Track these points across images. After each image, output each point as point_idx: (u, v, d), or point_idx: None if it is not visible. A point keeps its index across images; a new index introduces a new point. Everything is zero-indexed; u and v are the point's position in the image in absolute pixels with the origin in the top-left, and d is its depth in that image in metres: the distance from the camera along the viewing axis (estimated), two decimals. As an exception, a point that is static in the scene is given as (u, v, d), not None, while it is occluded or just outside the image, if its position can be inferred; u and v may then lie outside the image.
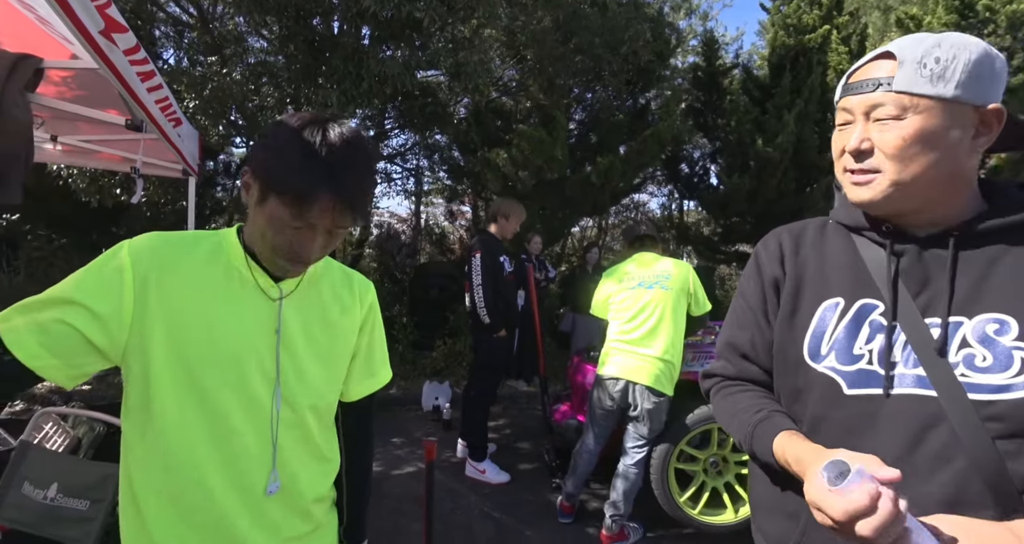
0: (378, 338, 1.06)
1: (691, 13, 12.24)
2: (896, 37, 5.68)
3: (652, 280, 2.68)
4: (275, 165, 0.78)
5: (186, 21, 6.28)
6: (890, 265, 0.76)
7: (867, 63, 0.76)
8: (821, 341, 0.79)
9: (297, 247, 0.81)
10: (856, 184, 0.75)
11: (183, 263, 0.84)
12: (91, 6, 1.26)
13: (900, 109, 0.70)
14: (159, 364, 0.80)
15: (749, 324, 0.90)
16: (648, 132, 6.46)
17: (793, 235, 0.89)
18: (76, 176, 4.56)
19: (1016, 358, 0.66)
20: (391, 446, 3.88)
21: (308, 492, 0.94)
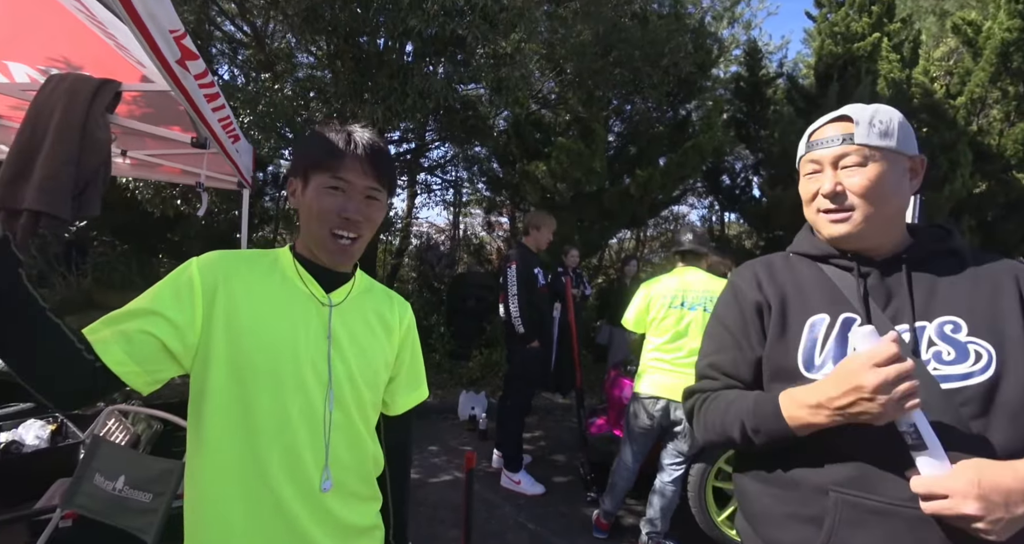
0: (419, 355, 1.16)
1: (734, 22, 12.08)
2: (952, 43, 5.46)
3: (695, 301, 2.62)
4: (308, 149, 0.96)
5: (240, 39, 6.63)
6: (859, 284, 0.91)
7: (828, 124, 0.94)
8: (813, 353, 0.89)
9: (340, 210, 0.92)
10: (834, 221, 0.91)
11: (245, 275, 0.93)
12: (170, 37, 1.38)
13: (863, 158, 0.88)
14: (224, 366, 0.88)
15: (729, 346, 0.99)
16: (689, 144, 6.40)
17: (764, 265, 1.03)
18: (142, 188, 4.86)
19: (971, 350, 0.82)
20: (428, 454, 3.94)
21: (358, 491, 1.00)
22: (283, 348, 0.90)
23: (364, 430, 1.00)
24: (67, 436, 2.47)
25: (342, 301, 0.99)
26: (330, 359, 0.94)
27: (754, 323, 0.97)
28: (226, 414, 0.88)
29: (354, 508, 0.99)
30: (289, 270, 0.97)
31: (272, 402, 0.89)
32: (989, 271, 0.88)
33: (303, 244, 0.99)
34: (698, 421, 1.00)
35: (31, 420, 2.48)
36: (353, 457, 0.98)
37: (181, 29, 1.45)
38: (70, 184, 1.71)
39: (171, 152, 2.96)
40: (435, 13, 4.35)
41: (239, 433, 0.88)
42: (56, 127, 1.70)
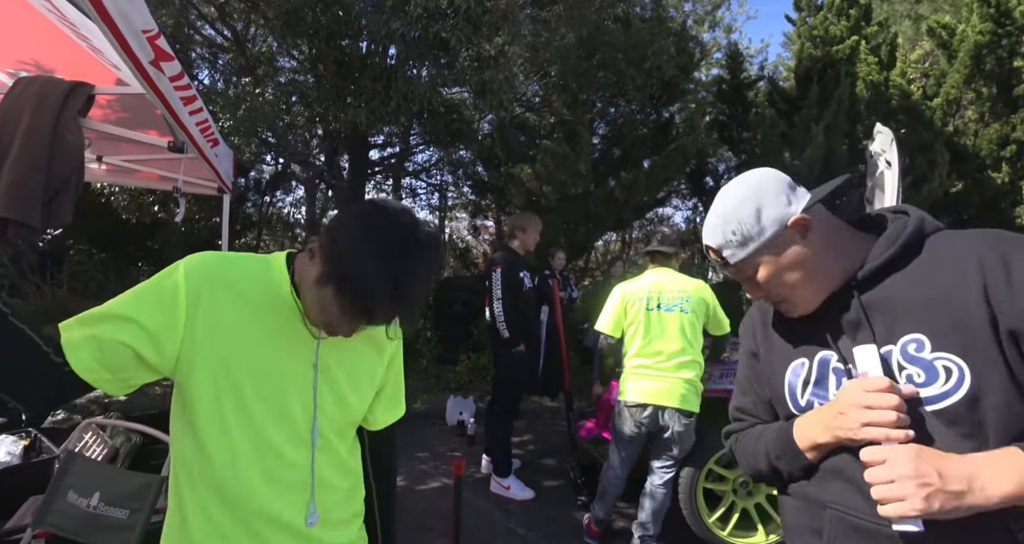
0: (401, 372, 1.10)
1: (715, 26, 12.22)
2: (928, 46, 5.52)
3: (671, 302, 2.60)
4: (348, 265, 0.77)
5: (220, 43, 6.54)
6: (827, 322, 0.91)
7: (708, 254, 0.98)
8: (797, 395, 0.92)
9: (338, 328, 0.84)
10: (783, 310, 0.94)
11: (234, 283, 0.88)
12: (143, 38, 1.33)
13: (751, 269, 0.91)
14: (207, 379, 0.84)
15: (749, 390, 1.05)
16: (672, 146, 6.44)
17: (761, 311, 1.05)
18: (117, 194, 4.76)
19: (940, 367, 0.76)
20: (415, 461, 3.89)
21: (342, 516, 0.97)
22: (270, 369, 0.86)
23: (344, 451, 0.97)
24: (41, 451, 2.39)
25: None
26: (315, 387, 0.90)
27: (755, 368, 1.03)
28: (208, 429, 0.84)
29: (337, 530, 0.95)
30: (282, 288, 0.90)
31: (260, 424, 0.85)
32: (952, 261, 0.79)
33: (300, 278, 0.88)
34: (738, 459, 1.05)
35: (2, 436, 2.39)
36: (337, 481, 0.95)
37: (155, 29, 1.41)
38: (39, 191, 1.66)
39: (148, 157, 2.89)
40: (418, 16, 4.33)
41: (222, 451, 0.84)
42: (24, 132, 1.65)
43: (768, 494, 2.73)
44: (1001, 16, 5.98)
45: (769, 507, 2.73)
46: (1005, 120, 6.08)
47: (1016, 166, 6.04)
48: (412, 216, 0.84)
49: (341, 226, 0.81)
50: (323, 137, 7.13)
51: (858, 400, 0.77)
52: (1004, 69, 6.04)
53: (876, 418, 0.75)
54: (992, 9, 5.96)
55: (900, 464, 0.70)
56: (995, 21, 5.97)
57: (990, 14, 5.97)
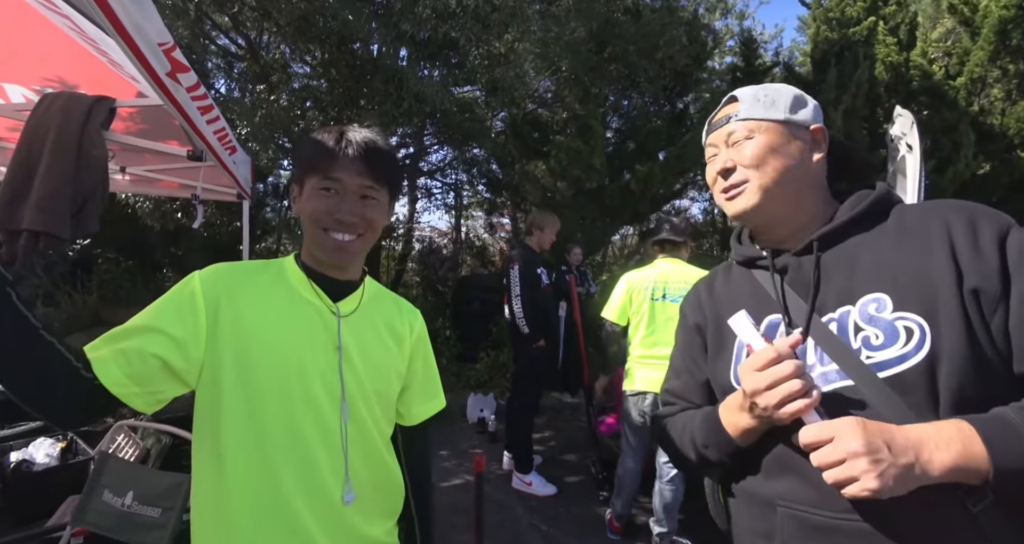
0: (433, 364, 1.13)
1: (727, 13, 12.01)
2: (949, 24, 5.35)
3: (676, 293, 2.59)
4: (301, 155, 0.96)
5: (235, 52, 6.66)
6: (775, 281, 0.86)
7: (720, 108, 0.93)
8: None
9: (332, 210, 0.90)
10: (731, 199, 0.88)
11: (249, 287, 0.92)
12: (159, 51, 1.37)
13: (748, 131, 0.87)
14: (231, 381, 0.86)
15: (682, 370, 1.00)
16: (687, 137, 6.37)
17: (706, 283, 1.03)
18: (142, 203, 4.88)
19: (900, 328, 0.72)
20: (438, 459, 3.93)
21: (378, 505, 0.98)
22: (291, 361, 0.88)
23: (380, 442, 0.99)
24: (77, 453, 2.48)
25: (352, 311, 0.97)
26: (341, 371, 0.92)
27: (697, 344, 0.97)
28: (238, 428, 0.86)
29: (374, 522, 0.97)
30: (295, 280, 0.95)
31: (283, 416, 0.87)
32: (917, 224, 0.78)
33: (307, 252, 0.97)
34: (664, 448, 1.00)
35: (41, 438, 2.49)
36: (371, 470, 0.96)
37: (171, 41, 1.45)
38: (68, 203, 1.72)
39: (169, 167, 2.97)
40: (427, 17, 4.35)
41: (250, 448, 0.86)
42: (52, 146, 1.71)
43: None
44: (1027, -10, 5.78)
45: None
46: (1033, 98, 5.88)
47: (1046, 145, 5.84)
48: None
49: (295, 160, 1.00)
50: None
51: (756, 385, 0.73)
52: (1031, 45, 5.84)
53: (785, 392, 0.70)
54: (1017, -17, 5.76)
55: (848, 440, 0.65)
56: (1020, -4, 5.77)
57: (1015, -11, 5.77)
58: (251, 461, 0.86)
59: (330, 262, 0.95)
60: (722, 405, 0.85)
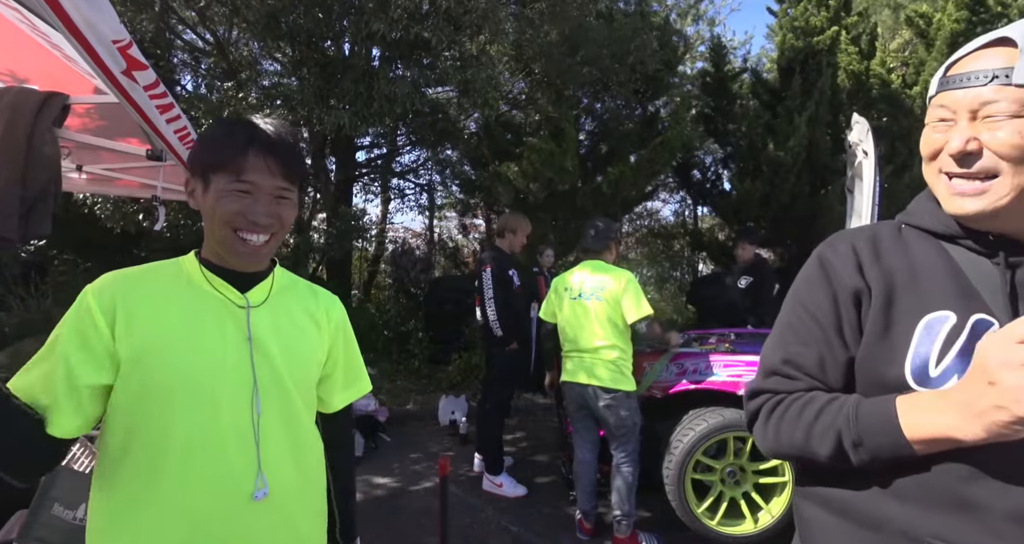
0: (354, 349, 1.11)
1: (698, 19, 12.26)
2: (907, 35, 5.51)
3: (590, 292, 2.81)
4: (206, 149, 0.90)
5: (202, 48, 6.49)
6: (1005, 278, 0.67)
7: (976, 50, 0.66)
8: (928, 362, 0.67)
9: (247, 212, 0.87)
10: (961, 194, 0.66)
11: (144, 290, 0.88)
12: (113, 48, 1.33)
13: (1020, 106, 0.62)
14: (133, 388, 0.83)
15: (816, 341, 0.76)
16: (658, 140, 6.47)
17: (869, 239, 0.77)
18: (100, 203, 4.72)
19: None
20: (408, 461, 3.90)
21: (305, 498, 0.96)
22: (197, 360, 0.86)
23: (301, 433, 0.96)
24: (29, 463, 2.38)
25: (262, 301, 0.95)
26: (253, 363, 0.89)
27: (850, 314, 0.74)
28: (140, 433, 0.83)
29: (296, 516, 0.94)
30: (196, 276, 0.91)
31: (191, 417, 0.84)
32: None
33: (209, 248, 0.93)
34: (765, 429, 0.77)
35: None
36: (293, 462, 0.94)
37: (126, 39, 1.41)
38: (16, 203, 1.66)
39: (128, 165, 2.88)
40: (399, 17, 4.32)
41: (153, 451, 0.83)
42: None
43: (755, 483, 2.77)
44: (976, 4, 6.05)
45: (756, 496, 2.76)
46: (984, 107, 6.16)
47: (995, 152, 6.12)
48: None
49: (190, 153, 0.96)
50: (309, 140, 7.10)
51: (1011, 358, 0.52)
52: (981, 57, 6.12)
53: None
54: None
55: None
56: (970, 9, 6.04)
57: (965, 3, 6.04)
58: (153, 464, 0.83)
59: (239, 266, 0.93)
60: (906, 400, 0.64)
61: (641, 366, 2.97)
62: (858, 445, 0.66)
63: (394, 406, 4.95)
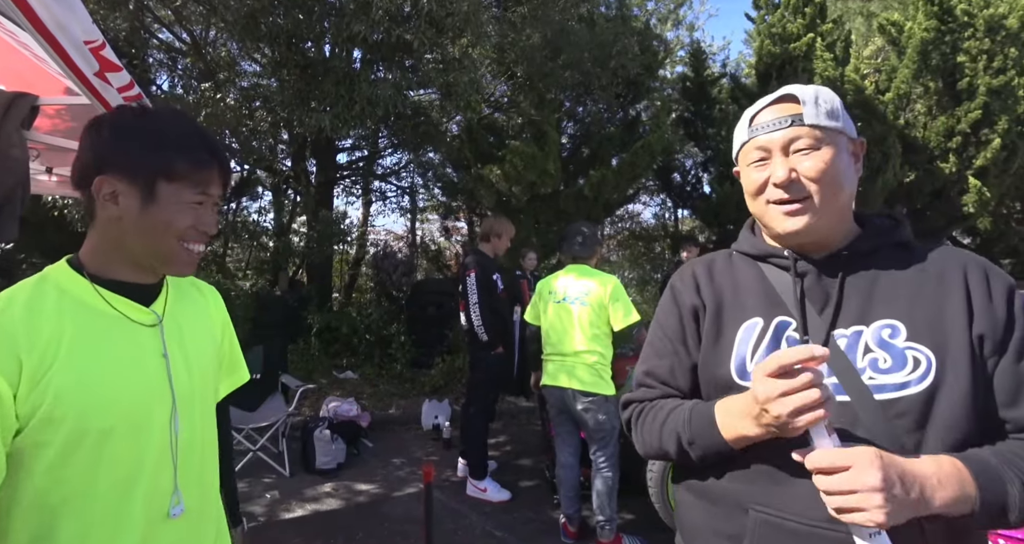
0: (234, 337, 1.10)
1: (678, 24, 12.43)
2: (879, 43, 5.71)
3: (574, 296, 2.82)
4: (155, 153, 0.79)
5: (179, 47, 6.37)
6: (796, 286, 0.84)
7: (767, 107, 0.85)
8: (746, 360, 0.84)
9: (201, 224, 0.84)
10: (790, 214, 0.82)
11: (36, 327, 0.75)
12: (85, 49, 1.30)
13: (815, 140, 0.80)
14: (65, 437, 0.75)
15: (667, 353, 0.94)
16: (639, 143, 6.54)
17: (705, 266, 0.97)
18: (72, 206, 4.60)
19: (909, 357, 0.75)
20: (392, 467, 3.86)
21: (209, 507, 0.95)
22: (125, 393, 0.79)
23: (209, 439, 0.95)
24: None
25: (164, 312, 0.89)
26: (171, 380, 0.86)
27: (691, 327, 0.92)
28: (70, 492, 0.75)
29: (203, 528, 0.93)
30: (91, 299, 0.80)
31: (120, 452, 0.78)
32: (936, 267, 0.81)
33: (104, 260, 0.83)
34: (636, 434, 0.94)
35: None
36: (201, 473, 0.92)
37: (99, 40, 1.38)
38: (-19, 207, 1.60)
39: (101, 168, 2.81)
40: (380, 18, 4.30)
41: (67, 483, 0.75)
42: (-38, 147, 1.59)
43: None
44: (944, 14, 6.24)
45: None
46: (950, 113, 6.34)
47: (962, 157, 6.30)
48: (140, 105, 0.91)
49: (100, 148, 0.80)
50: (289, 142, 7.01)
51: (770, 392, 0.70)
52: (948, 64, 6.30)
53: (800, 402, 0.68)
54: (936, 7, 6.21)
55: (866, 473, 0.65)
56: (939, 18, 6.23)
57: (934, 12, 6.22)
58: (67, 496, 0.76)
59: (172, 274, 0.89)
60: (720, 405, 0.81)
61: (623, 370, 2.99)
62: (692, 444, 0.83)
63: (376, 411, 4.90)
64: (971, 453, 0.73)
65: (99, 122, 0.82)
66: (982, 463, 0.71)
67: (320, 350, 6.02)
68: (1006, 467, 0.70)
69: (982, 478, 0.69)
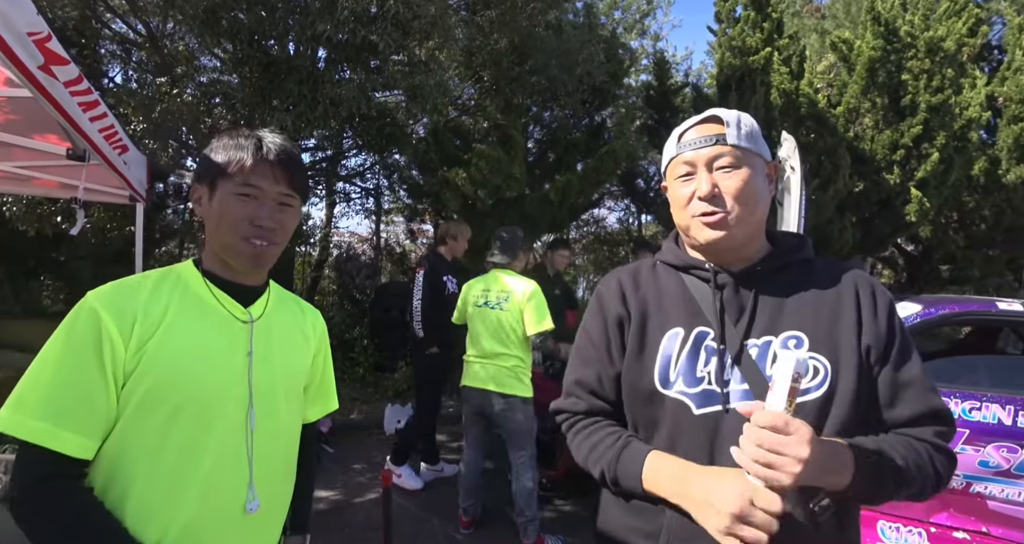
0: (330, 365, 1.15)
1: (643, 34, 12.69)
2: (832, 59, 6.03)
3: (495, 301, 2.94)
4: (216, 156, 0.92)
5: (133, 39, 6.12)
6: (715, 297, 0.90)
7: (694, 126, 0.91)
8: (668, 368, 0.89)
9: (253, 217, 0.90)
10: (710, 225, 0.88)
11: (154, 305, 0.87)
12: (29, 41, 1.25)
13: (735, 159, 0.87)
14: (141, 399, 0.83)
15: (594, 361, 0.98)
16: (604, 150, 6.64)
17: (630, 275, 1.02)
18: (12, 203, 4.36)
19: (810, 366, 0.83)
20: (352, 473, 3.81)
21: (282, 511, 0.99)
22: (205, 377, 0.87)
23: (289, 444, 0.99)
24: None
25: (261, 315, 0.97)
26: (251, 377, 0.91)
27: (616, 337, 0.96)
28: (137, 452, 0.83)
29: (274, 528, 0.98)
30: (200, 290, 0.93)
31: (191, 433, 0.85)
32: (834, 283, 0.90)
33: (211, 257, 0.95)
34: (571, 446, 0.99)
35: None
36: (281, 475, 0.97)
37: (44, 31, 1.32)
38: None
39: (45, 164, 2.68)
40: (345, 19, 4.24)
41: (148, 469, 0.83)
42: None
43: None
44: (890, 34, 6.58)
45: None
46: (895, 127, 6.69)
47: (905, 169, 6.66)
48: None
49: (200, 160, 0.96)
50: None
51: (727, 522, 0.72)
52: (893, 82, 6.65)
53: (747, 536, 0.71)
54: (882, 27, 6.54)
55: (800, 446, 0.70)
56: (885, 38, 6.57)
57: (881, 32, 6.55)
58: (150, 483, 0.83)
59: (244, 269, 0.95)
60: (653, 469, 0.84)
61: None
62: (615, 482, 0.88)
63: (337, 416, 4.81)
64: (857, 440, 0.82)
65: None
66: (863, 449, 0.80)
67: (280, 354, 5.87)
68: (884, 451, 0.80)
69: (861, 461, 0.78)
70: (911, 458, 0.81)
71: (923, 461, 0.82)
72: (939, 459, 0.83)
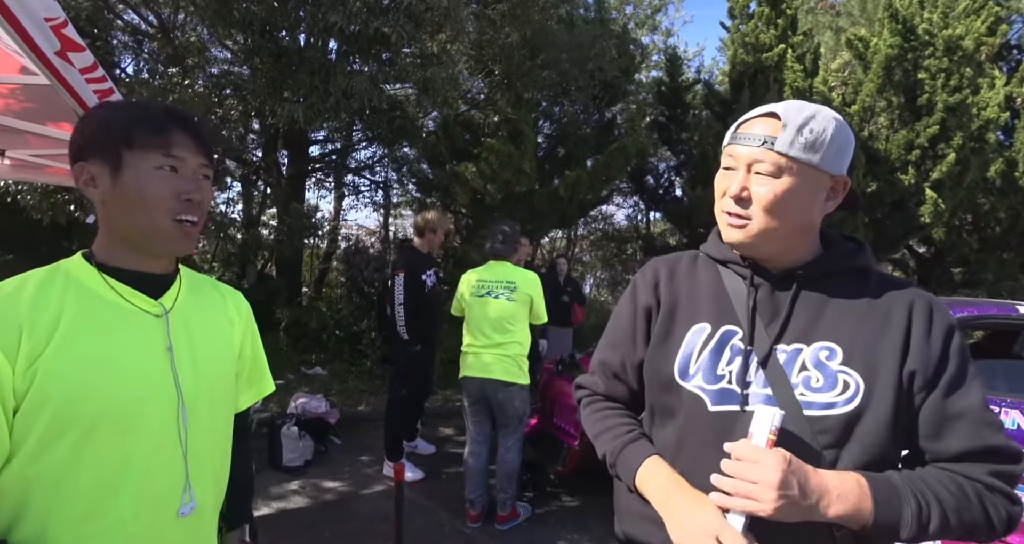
0: (260, 347, 1.08)
1: (655, 29, 12.60)
2: (847, 57, 5.91)
3: (498, 291, 2.95)
4: (115, 129, 0.79)
5: (145, 30, 6.14)
6: (749, 297, 0.87)
7: (756, 118, 0.85)
8: (690, 362, 0.89)
9: (180, 191, 0.81)
10: (731, 226, 0.85)
11: (42, 312, 0.75)
12: (46, 26, 1.24)
13: (777, 168, 0.80)
14: (49, 421, 0.73)
15: (621, 345, 0.99)
16: (614, 146, 6.60)
17: (669, 265, 1.00)
18: (26, 191, 4.38)
19: (840, 380, 0.80)
20: (359, 464, 3.81)
21: (216, 510, 0.94)
22: (119, 384, 0.77)
23: (223, 438, 0.95)
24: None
25: (173, 305, 0.87)
26: (175, 374, 0.83)
27: (642, 326, 0.97)
28: (52, 469, 0.74)
29: (212, 526, 0.93)
30: (98, 286, 0.80)
31: (116, 445, 0.77)
32: (886, 301, 0.84)
33: (109, 247, 0.83)
34: (583, 417, 1.04)
35: None
36: (216, 471, 0.92)
37: (61, 17, 1.32)
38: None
39: (59, 152, 2.69)
40: (357, 10, 4.23)
41: (70, 485, 0.74)
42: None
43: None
44: (907, 32, 6.48)
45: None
46: (911, 127, 6.60)
47: (920, 169, 6.57)
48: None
49: (78, 138, 0.82)
50: (260, 132, 6.84)
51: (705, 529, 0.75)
52: (910, 80, 6.56)
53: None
54: (900, 25, 6.44)
55: (769, 470, 0.71)
56: (902, 36, 6.47)
57: (898, 29, 6.46)
58: (72, 509, 0.75)
59: (164, 254, 0.86)
60: (649, 473, 0.87)
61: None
62: (613, 467, 0.93)
63: (345, 407, 4.82)
64: (880, 474, 0.78)
65: (79, 120, 0.83)
66: (886, 484, 0.76)
67: (288, 345, 5.90)
68: (908, 489, 0.76)
69: (880, 497, 0.74)
70: (951, 497, 0.75)
71: (968, 502, 0.75)
72: (993, 501, 0.76)
